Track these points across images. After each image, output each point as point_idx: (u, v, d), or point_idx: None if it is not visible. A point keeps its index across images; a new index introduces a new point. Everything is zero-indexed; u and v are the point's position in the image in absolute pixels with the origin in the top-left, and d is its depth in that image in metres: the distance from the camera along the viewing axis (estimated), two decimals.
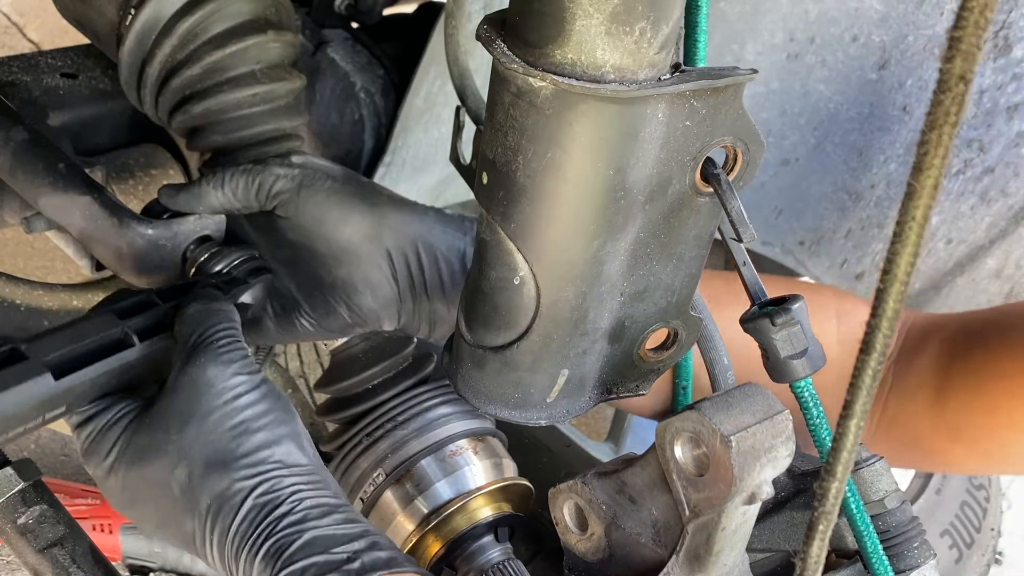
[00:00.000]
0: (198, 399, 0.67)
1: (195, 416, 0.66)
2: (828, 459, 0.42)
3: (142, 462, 0.67)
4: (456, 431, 0.86)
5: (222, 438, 0.66)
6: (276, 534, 0.63)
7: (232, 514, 0.64)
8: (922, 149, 0.34)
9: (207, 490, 0.65)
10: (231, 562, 0.64)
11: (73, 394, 0.66)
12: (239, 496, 0.64)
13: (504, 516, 0.85)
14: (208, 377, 0.67)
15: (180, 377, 0.68)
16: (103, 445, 0.68)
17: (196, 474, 0.65)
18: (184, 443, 0.66)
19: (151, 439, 0.67)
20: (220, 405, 0.66)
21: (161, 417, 0.67)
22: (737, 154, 0.59)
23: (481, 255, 0.63)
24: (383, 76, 1.26)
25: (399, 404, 0.87)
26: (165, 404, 0.68)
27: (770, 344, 0.64)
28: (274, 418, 0.67)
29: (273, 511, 0.64)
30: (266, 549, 0.62)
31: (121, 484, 0.68)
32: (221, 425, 0.66)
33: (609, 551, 0.66)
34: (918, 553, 0.76)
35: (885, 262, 0.37)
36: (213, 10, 0.84)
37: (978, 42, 0.33)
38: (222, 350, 0.68)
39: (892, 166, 1.51)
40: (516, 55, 0.54)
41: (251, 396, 0.67)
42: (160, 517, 0.67)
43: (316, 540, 0.62)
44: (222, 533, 0.64)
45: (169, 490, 0.66)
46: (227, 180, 0.83)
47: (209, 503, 0.65)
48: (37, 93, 1.08)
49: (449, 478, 0.84)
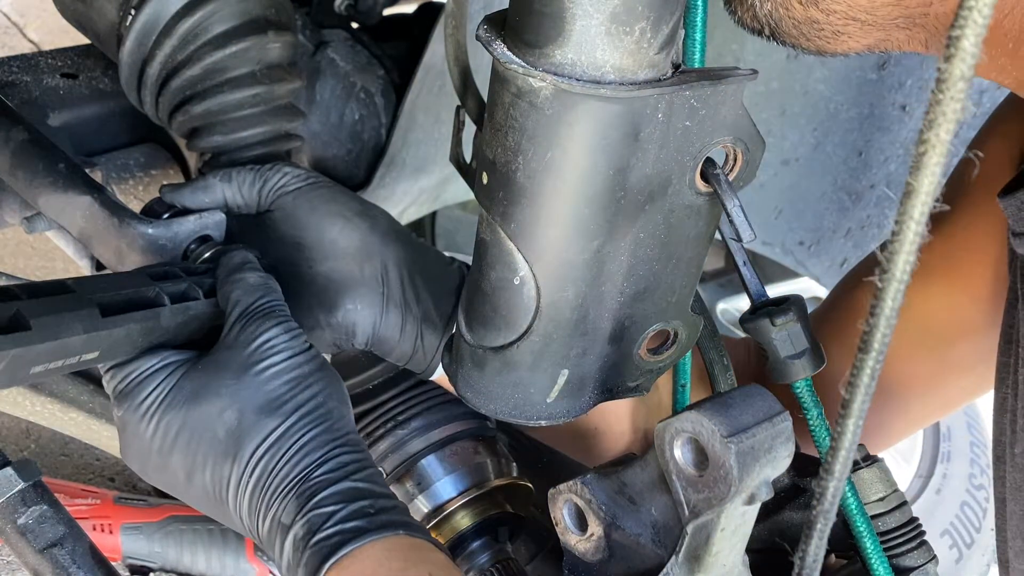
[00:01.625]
0: (256, 354, 0.68)
1: (252, 367, 0.68)
2: (826, 458, 0.42)
3: (189, 404, 0.67)
4: (457, 431, 0.86)
5: (277, 389, 0.68)
6: (313, 479, 0.64)
7: (277, 458, 0.65)
8: (921, 149, 0.34)
9: (256, 434, 0.66)
10: (261, 509, 0.65)
11: (112, 339, 0.66)
12: (288, 441, 0.66)
13: (504, 516, 0.85)
14: (269, 336, 0.69)
15: (238, 335, 0.70)
16: (145, 387, 0.68)
17: (247, 418, 0.66)
18: (239, 388, 0.67)
19: (204, 383, 0.68)
20: (279, 361, 0.69)
21: (214, 366, 0.69)
22: (737, 154, 0.59)
23: (481, 255, 0.63)
24: (383, 76, 1.26)
25: (399, 404, 0.87)
26: (222, 355, 0.69)
27: (770, 344, 0.64)
28: (323, 376, 0.70)
29: (316, 458, 0.65)
30: (301, 490, 0.64)
31: (157, 428, 0.68)
32: (277, 379, 0.68)
33: (609, 551, 0.66)
34: (918, 554, 0.76)
35: (883, 261, 0.37)
36: (213, 10, 0.84)
37: (978, 42, 0.33)
38: (280, 317, 0.71)
39: (892, 166, 1.51)
40: (516, 55, 0.54)
41: (304, 356, 0.70)
42: (192, 463, 0.67)
43: (349, 491, 0.64)
44: (261, 476, 0.65)
45: (213, 433, 0.67)
46: (234, 175, 0.83)
47: (256, 447, 0.66)
48: (37, 93, 1.08)
49: (450, 477, 0.84)
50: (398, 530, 0.63)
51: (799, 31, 0.64)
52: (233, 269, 0.74)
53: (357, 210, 0.81)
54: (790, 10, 0.62)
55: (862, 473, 0.76)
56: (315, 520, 0.63)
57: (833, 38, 0.63)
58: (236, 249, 0.78)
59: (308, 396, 0.68)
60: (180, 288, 0.73)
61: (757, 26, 0.65)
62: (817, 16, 0.62)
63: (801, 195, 1.56)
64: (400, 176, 1.28)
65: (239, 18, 0.85)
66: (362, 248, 0.79)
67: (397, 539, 0.63)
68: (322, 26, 1.26)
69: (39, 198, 0.90)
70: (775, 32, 0.65)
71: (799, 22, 0.63)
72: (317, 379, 0.69)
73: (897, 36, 0.63)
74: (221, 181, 0.83)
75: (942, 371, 0.94)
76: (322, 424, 0.67)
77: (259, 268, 0.76)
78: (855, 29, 0.62)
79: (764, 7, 0.63)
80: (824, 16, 0.62)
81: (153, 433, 0.68)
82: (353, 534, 0.62)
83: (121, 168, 1.12)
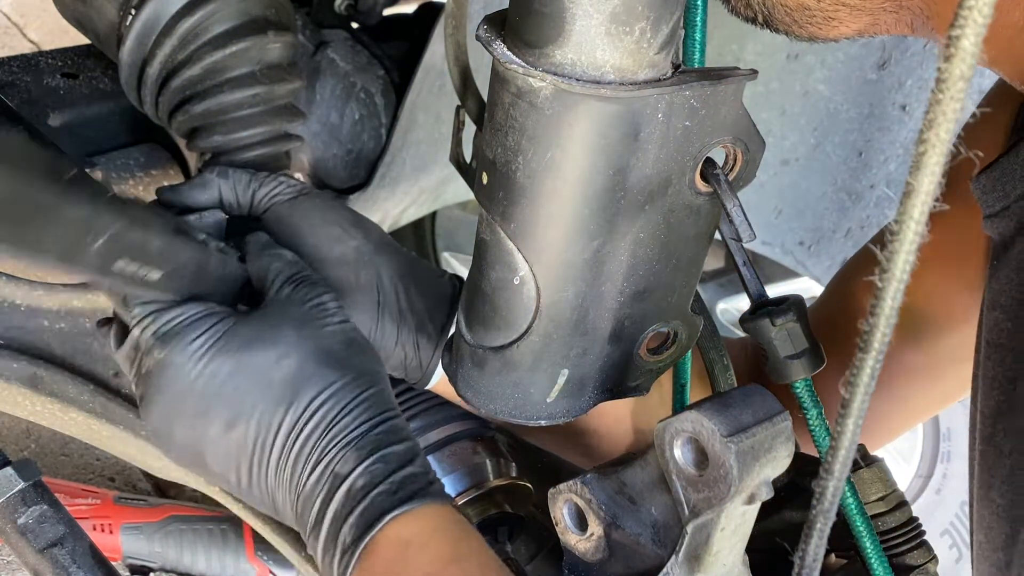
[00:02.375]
0: (316, 311, 0.69)
1: (312, 323, 0.68)
2: (826, 458, 0.42)
3: (243, 349, 0.66)
4: (455, 431, 0.86)
5: (337, 346, 0.68)
6: (374, 433, 0.65)
7: (337, 408, 0.65)
8: (920, 148, 0.34)
9: (316, 382, 0.66)
10: (313, 458, 0.65)
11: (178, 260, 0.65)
12: (348, 395, 0.66)
13: (504, 516, 0.85)
14: (324, 299, 0.70)
15: (292, 294, 0.70)
16: (196, 328, 0.66)
17: (307, 367, 0.66)
18: (300, 339, 0.67)
19: (260, 332, 0.67)
20: (337, 321, 0.69)
21: (272, 317, 0.68)
22: (737, 154, 0.59)
23: (481, 255, 0.63)
24: (383, 76, 1.26)
25: (399, 404, 0.87)
26: (275, 309, 0.69)
27: (770, 344, 0.64)
28: (374, 351, 0.71)
29: (375, 415, 0.66)
30: (362, 443, 0.64)
31: (204, 370, 0.65)
32: (336, 337, 0.68)
33: (609, 551, 0.66)
34: (918, 553, 0.76)
35: (883, 261, 0.37)
36: (213, 10, 0.84)
37: (978, 42, 0.33)
38: (326, 287, 0.72)
39: (892, 166, 1.51)
40: (516, 55, 0.54)
41: (351, 324, 0.71)
42: (238, 409, 0.65)
43: (408, 451, 0.66)
44: (319, 424, 0.65)
45: (268, 380, 0.66)
46: (231, 172, 0.83)
47: (315, 395, 0.65)
48: (37, 93, 1.08)
49: (449, 478, 0.84)
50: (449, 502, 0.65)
51: (791, 18, 0.65)
52: (266, 244, 0.75)
53: (351, 220, 0.81)
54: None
55: (862, 473, 0.76)
56: (377, 472, 0.63)
57: (825, 23, 0.64)
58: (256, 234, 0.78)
59: (365, 359, 0.69)
60: (219, 244, 0.73)
61: (751, 14, 0.66)
62: (808, 3, 0.63)
63: (801, 195, 1.56)
64: (400, 176, 1.28)
65: (239, 18, 0.85)
66: (357, 257, 0.79)
67: (447, 508, 0.64)
68: (322, 26, 1.26)
69: None
70: (768, 20, 0.66)
71: (791, 9, 0.64)
72: (369, 348, 0.70)
73: (885, 20, 0.64)
74: (218, 177, 0.83)
75: (938, 361, 0.94)
76: (378, 386, 0.68)
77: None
78: (845, 14, 0.64)
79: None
80: (815, 3, 0.63)
81: (199, 376, 0.65)
82: (414, 493, 0.63)
83: (121, 168, 1.12)
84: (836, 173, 1.53)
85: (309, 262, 0.77)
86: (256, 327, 0.67)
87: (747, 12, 0.66)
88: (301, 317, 0.68)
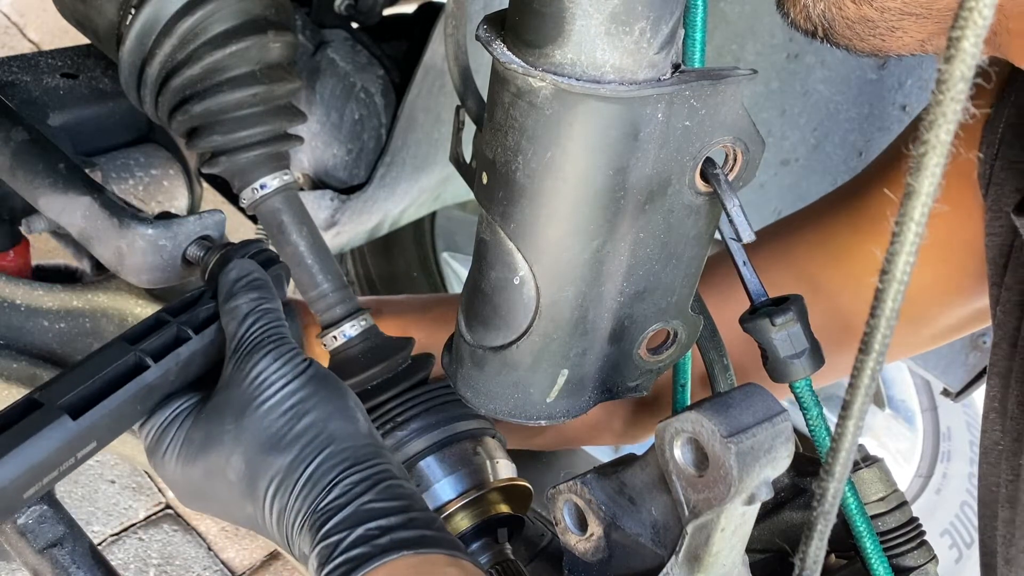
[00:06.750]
0: (250, 391, 0.69)
1: (248, 407, 0.68)
2: (827, 459, 0.42)
3: (199, 454, 0.69)
4: (456, 431, 0.86)
5: (275, 424, 0.68)
6: (321, 509, 0.65)
7: (288, 493, 0.66)
8: (921, 149, 0.34)
9: (264, 473, 0.67)
10: (290, 538, 0.67)
11: (99, 428, 0.68)
12: (294, 475, 0.66)
13: (504, 517, 0.85)
14: (259, 369, 0.69)
15: (233, 373, 0.70)
16: (162, 443, 0.71)
17: (253, 460, 0.67)
18: (239, 432, 0.68)
19: (207, 432, 0.69)
20: (272, 394, 0.69)
21: (215, 411, 0.70)
22: (737, 154, 0.59)
23: (481, 255, 0.63)
24: (383, 76, 1.26)
25: (399, 405, 0.86)
26: (218, 399, 0.70)
27: (770, 344, 0.64)
28: (323, 397, 0.69)
29: (324, 486, 0.66)
30: (312, 522, 0.65)
31: (181, 477, 0.70)
32: (273, 412, 0.68)
33: (609, 551, 0.66)
34: (918, 553, 0.76)
35: (884, 262, 0.36)
36: (213, 10, 0.84)
37: (978, 42, 0.33)
38: (270, 344, 0.71)
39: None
40: (516, 55, 0.54)
41: (299, 382, 0.69)
42: (222, 505, 0.70)
43: (355, 514, 0.64)
44: (280, 512, 0.66)
45: (227, 478, 0.68)
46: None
47: (267, 485, 0.67)
48: (37, 93, 1.08)
49: (449, 478, 0.84)
50: (402, 551, 0.62)
51: (852, 31, 0.62)
52: (228, 296, 0.74)
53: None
54: (843, 9, 0.61)
55: (862, 473, 0.76)
56: (323, 552, 0.63)
57: (888, 34, 0.62)
58: (234, 259, 0.77)
59: (307, 424, 0.68)
60: (165, 339, 0.73)
61: (810, 27, 0.64)
62: (871, 14, 0.61)
63: (801, 195, 1.55)
64: (400, 176, 1.28)
65: (239, 18, 0.85)
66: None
67: (402, 561, 0.62)
68: (322, 26, 1.26)
69: (39, 198, 0.90)
70: (828, 33, 0.64)
71: (852, 21, 0.62)
72: (314, 403, 0.69)
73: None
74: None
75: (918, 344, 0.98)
76: (325, 449, 0.67)
77: (256, 277, 0.75)
78: (910, 23, 0.61)
79: (817, 7, 0.62)
80: (878, 14, 0.60)
81: (183, 482, 0.71)
82: (357, 563, 0.62)
83: (121, 168, 1.12)
84: (836, 173, 1.53)
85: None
86: (205, 427, 0.69)
87: (807, 25, 0.64)
88: (239, 403, 0.69)
